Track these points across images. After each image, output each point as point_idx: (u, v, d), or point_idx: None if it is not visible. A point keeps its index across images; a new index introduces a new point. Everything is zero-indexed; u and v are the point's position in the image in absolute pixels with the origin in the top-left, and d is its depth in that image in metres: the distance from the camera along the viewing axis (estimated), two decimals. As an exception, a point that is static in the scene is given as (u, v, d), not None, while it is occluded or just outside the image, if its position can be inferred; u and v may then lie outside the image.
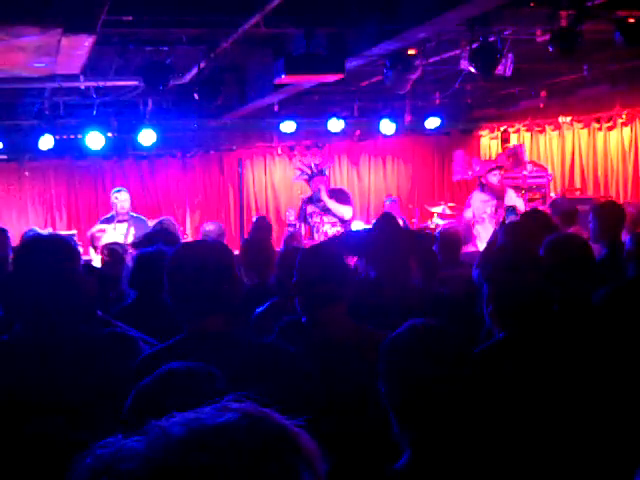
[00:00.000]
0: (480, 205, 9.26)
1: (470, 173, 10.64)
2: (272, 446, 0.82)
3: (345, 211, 9.21)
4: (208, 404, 0.87)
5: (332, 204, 9.16)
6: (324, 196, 9.17)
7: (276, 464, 0.81)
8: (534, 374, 2.50)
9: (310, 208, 9.32)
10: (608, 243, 4.99)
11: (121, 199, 8.93)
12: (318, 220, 9.22)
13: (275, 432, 0.84)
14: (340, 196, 9.32)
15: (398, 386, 1.93)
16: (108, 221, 8.95)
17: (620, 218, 5.25)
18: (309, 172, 9.57)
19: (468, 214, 9.14)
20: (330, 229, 9.15)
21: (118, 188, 9.24)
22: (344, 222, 9.17)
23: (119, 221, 8.87)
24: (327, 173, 9.81)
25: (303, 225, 9.51)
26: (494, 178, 9.38)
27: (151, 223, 8.53)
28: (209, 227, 7.80)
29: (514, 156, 10.46)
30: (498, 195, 9.27)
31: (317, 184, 9.33)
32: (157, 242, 4.43)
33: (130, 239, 8.54)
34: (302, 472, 0.83)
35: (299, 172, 10.05)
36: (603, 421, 2.54)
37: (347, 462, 2.52)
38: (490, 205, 9.23)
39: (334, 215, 9.18)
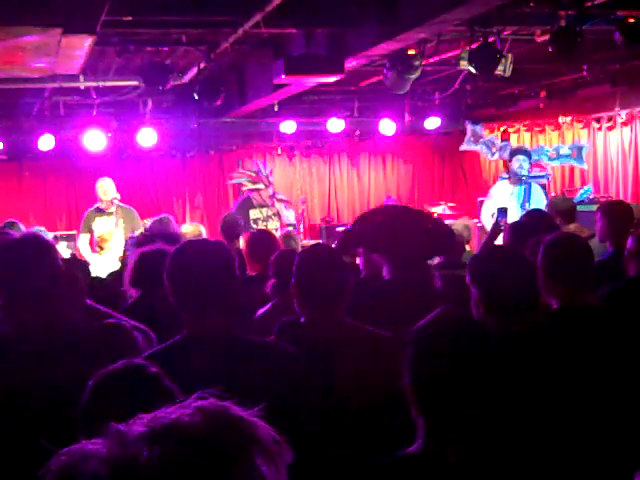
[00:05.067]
0: (501, 194, 9.11)
1: (499, 154, 10.51)
2: (225, 438, 0.85)
3: (291, 214, 9.35)
4: (172, 404, 0.89)
5: (287, 212, 9.27)
6: (282, 208, 9.26)
7: (229, 455, 0.84)
8: (527, 375, 2.50)
9: (254, 214, 9.34)
10: (614, 242, 4.97)
11: (105, 189, 8.77)
12: (264, 227, 9.20)
13: (229, 424, 0.86)
14: (285, 200, 9.43)
15: (424, 373, 1.91)
16: (94, 216, 8.81)
17: (628, 218, 5.24)
18: (266, 182, 9.62)
19: (486, 205, 8.98)
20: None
21: (102, 178, 9.03)
22: (289, 226, 9.26)
23: (107, 213, 8.77)
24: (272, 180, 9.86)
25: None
26: (516, 164, 9.24)
27: (148, 221, 8.50)
28: (187, 229, 7.72)
29: None
30: (520, 182, 9.03)
31: (267, 194, 9.40)
32: (158, 240, 4.43)
33: (120, 230, 8.47)
34: (259, 462, 0.85)
35: (248, 179, 10.03)
36: (604, 422, 2.54)
37: (344, 458, 2.53)
38: (510, 195, 9.01)
39: (278, 220, 9.24)
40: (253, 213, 9.41)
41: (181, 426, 0.84)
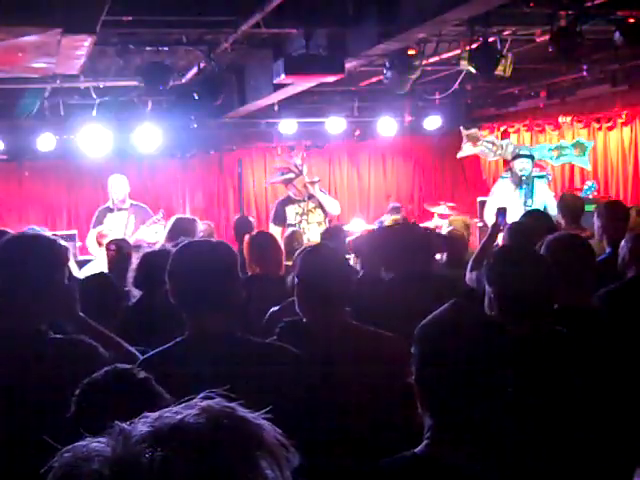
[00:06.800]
0: (503, 193, 9.24)
1: (499, 153, 10.62)
2: (230, 440, 0.84)
3: (337, 203, 9.33)
4: (177, 404, 0.89)
5: (327, 198, 9.21)
6: (318, 192, 9.15)
7: (233, 458, 0.83)
8: (540, 375, 2.48)
9: (292, 209, 9.22)
10: (612, 242, 4.97)
11: (117, 186, 8.86)
12: (305, 221, 9.08)
13: (235, 426, 0.85)
14: (315, 182, 9.35)
15: (430, 370, 1.84)
16: (106, 212, 8.84)
17: (625, 218, 5.25)
18: (297, 171, 9.51)
19: (490, 203, 9.10)
20: (316, 228, 9.01)
21: (114, 175, 9.14)
22: (331, 219, 9.19)
23: (118, 209, 8.80)
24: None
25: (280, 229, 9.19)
26: (519, 165, 9.32)
27: (159, 216, 8.52)
28: (200, 227, 7.76)
29: None
30: (521, 183, 9.17)
31: (302, 183, 9.29)
32: None
33: (130, 228, 8.51)
34: (262, 464, 0.84)
35: (281, 172, 9.91)
36: (602, 423, 2.54)
37: (345, 459, 2.52)
38: (512, 193, 9.17)
39: (322, 212, 9.14)
40: (289, 209, 9.26)
41: (185, 428, 0.83)
